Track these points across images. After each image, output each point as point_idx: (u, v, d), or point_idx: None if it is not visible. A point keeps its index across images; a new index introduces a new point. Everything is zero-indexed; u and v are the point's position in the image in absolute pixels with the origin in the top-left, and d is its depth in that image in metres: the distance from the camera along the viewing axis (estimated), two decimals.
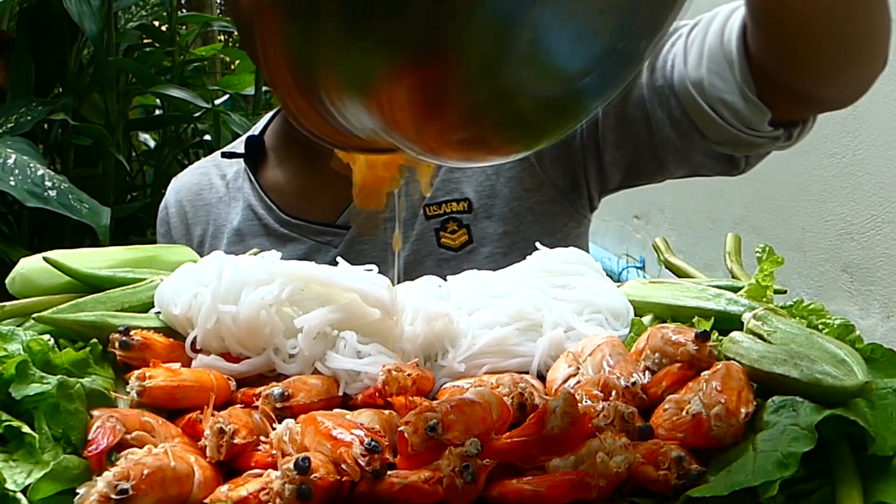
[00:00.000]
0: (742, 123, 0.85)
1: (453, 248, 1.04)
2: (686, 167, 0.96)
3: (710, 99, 0.86)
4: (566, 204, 1.06)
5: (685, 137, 0.91)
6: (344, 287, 0.69)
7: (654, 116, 0.92)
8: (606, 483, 0.47)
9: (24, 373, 0.55)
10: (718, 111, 0.86)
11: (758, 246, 0.75)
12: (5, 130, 2.35)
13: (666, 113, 0.91)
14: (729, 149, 0.90)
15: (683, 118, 0.90)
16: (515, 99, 0.44)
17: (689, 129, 0.90)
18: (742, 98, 0.84)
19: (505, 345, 0.70)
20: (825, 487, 0.48)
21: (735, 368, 0.56)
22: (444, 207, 1.04)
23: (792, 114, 0.86)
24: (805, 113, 0.87)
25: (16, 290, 0.77)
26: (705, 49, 0.86)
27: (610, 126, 0.97)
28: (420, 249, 1.04)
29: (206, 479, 0.50)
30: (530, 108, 0.45)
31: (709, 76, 0.86)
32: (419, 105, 0.44)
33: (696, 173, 0.97)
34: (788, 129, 0.87)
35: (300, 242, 1.09)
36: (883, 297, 1.75)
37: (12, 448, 0.52)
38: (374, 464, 0.48)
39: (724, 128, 0.86)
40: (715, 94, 0.85)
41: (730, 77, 0.84)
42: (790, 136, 0.88)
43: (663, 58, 0.91)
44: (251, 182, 1.14)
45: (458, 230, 1.04)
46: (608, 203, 1.15)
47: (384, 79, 0.42)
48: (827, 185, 1.89)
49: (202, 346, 0.68)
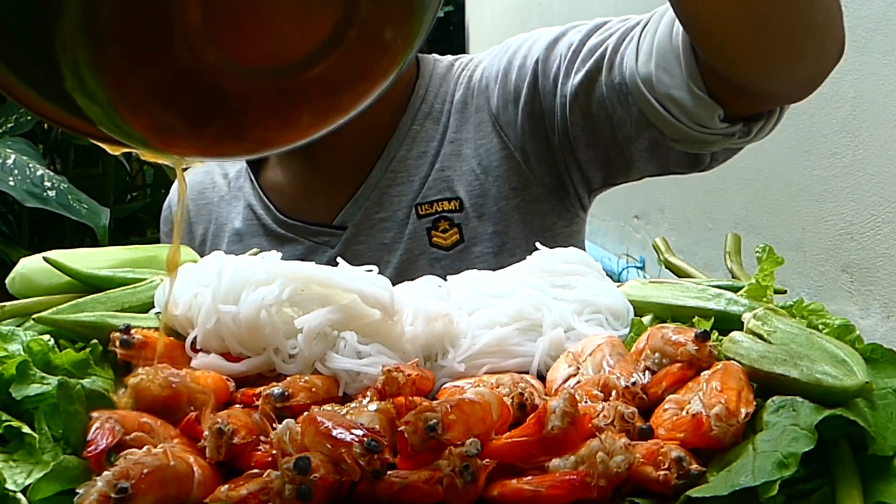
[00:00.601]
0: (691, 120, 0.84)
1: (445, 248, 1.04)
2: (654, 163, 0.95)
3: (658, 95, 0.85)
4: (554, 203, 1.05)
5: (645, 134, 0.90)
6: (344, 288, 0.69)
7: (615, 115, 0.91)
8: (606, 483, 0.47)
9: (24, 373, 0.56)
10: (667, 108, 0.84)
11: (758, 246, 0.75)
12: (5, 130, 2.35)
13: (625, 110, 0.90)
14: (685, 146, 0.88)
15: (640, 116, 0.88)
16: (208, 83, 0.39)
17: (648, 125, 0.89)
18: (689, 94, 0.82)
19: (505, 345, 0.70)
20: (825, 487, 0.48)
21: (735, 368, 0.56)
22: (435, 206, 1.04)
23: (745, 108, 0.84)
24: (758, 107, 0.85)
25: (16, 290, 0.77)
26: (654, 44, 0.85)
27: (578, 125, 0.96)
28: (413, 248, 1.04)
29: (206, 479, 0.50)
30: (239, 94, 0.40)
31: (657, 72, 0.84)
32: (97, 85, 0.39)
33: (666, 170, 0.96)
34: (748, 123, 0.85)
35: (298, 243, 1.09)
36: (883, 297, 1.75)
37: (12, 448, 0.52)
38: (374, 464, 0.48)
39: (674, 125, 0.85)
40: (663, 90, 0.84)
41: (677, 72, 0.82)
42: (749, 131, 0.85)
43: (621, 54, 0.89)
44: (251, 182, 1.15)
45: (450, 229, 1.04)
46: (608, 203, 1.16)
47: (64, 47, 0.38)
48: (827, 185, 1.89)
49: (202, 346, 0.68)
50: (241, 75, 0.39)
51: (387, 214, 1.05)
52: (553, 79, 0.97)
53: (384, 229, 1.05)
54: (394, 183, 1.06)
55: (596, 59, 0.92)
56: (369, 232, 1.06)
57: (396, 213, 1.05)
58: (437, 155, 1.06)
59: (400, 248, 1.04)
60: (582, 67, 0.93)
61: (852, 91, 1.72)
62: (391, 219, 1.05)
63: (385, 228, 1.05)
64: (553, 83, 0.97)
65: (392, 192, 1.06)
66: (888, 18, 0.81)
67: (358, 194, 1.06)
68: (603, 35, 0.94)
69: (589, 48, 0.94)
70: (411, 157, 1.06)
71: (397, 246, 1.04)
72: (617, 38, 0.91)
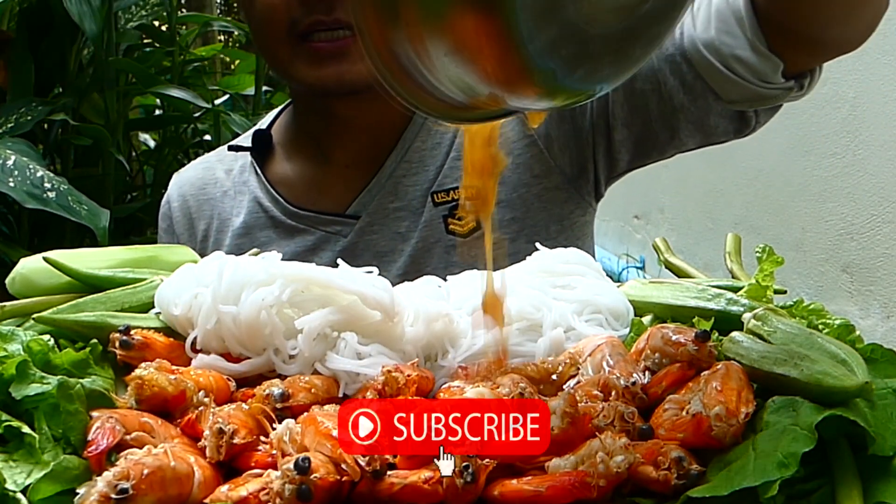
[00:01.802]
0: (756, 77, 0.90)
1: (461, 235, 1.05)
2: (699, 133, 0.99)
3: (723, 57, 0.91)
4: (572, 191, 1.07)
5: (699, 101, 0.95)
6: (344, 289, 0.69)
7: (666, 85, 0.96)
8: (606, 483, 0.47)
9: (24, 373, 0.55)
10: (732, 68, 0.91)
11: (758, 246, 0.75)
12: (5, 130, 2.35)
13: (679, 80, 0.95)
14: (745, 105, 0.95)
15: (696, 82, 0.94)
16: (585, 32, 0.46)
17: (703, 91, 0.94)
18: (754, 52, 0.88)
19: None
20: (825, 487, 0.48)
21: (735, 368, 0.56)
22: (452, 194, 1.05)
23: (802, 63, 0.91)
24: (816, 60, 0.91)
25: (16, 290, 0.77)
26: (712, 11, 0.91)
27: (619, 102, 1.00)
28: (428, 236, 1.05)
29: (206, 479, 0.50)
30: (602, 40, 0.47)
31: (719, 35, 0.90)
32: (492, 45, 0.46)
33: (709, 139, 1.01)
34: (799, 80, 0.92)
35: (308, 234, 1.09)
36: (883, 297, 1.75)
37: (12, 448, 0.52)
38: (374, 464, 0.48)
39: (739, 83, 0.91)
40: (727, 51, 0.90)
41: (739, 33, 0.89)
42: (802, 86, 0.92)
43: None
44: (258, 175, 1.14)
45: (467, 216, 1.04)
46: (608, 203, 1.16)
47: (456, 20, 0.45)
48: (827, 185, 1.89)
49: (202, 347, 0.68)
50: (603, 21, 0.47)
51: (401, 203, 1.06)
52: None
53: (399, 218, 1.06)
54: (408, 173, 1.07)
55: None
56: (383, 221, 1.06)
57: (411, 202, 1.06)
58: (451, 144, 1.07)
59: (415, 237, 1.05)
60: None
61: (852, 91, 1.72)
62: (406, 208, 1.06)
63: (400, 217, 1.06)
64: None
65: (407, 182, 1.06)
66: (888, 18, 0.82)
67: (372, 184, 1.07)
68: None
69: None
70: (426, 147, 1.07)
71: (412, 234, 1.05)
72: None
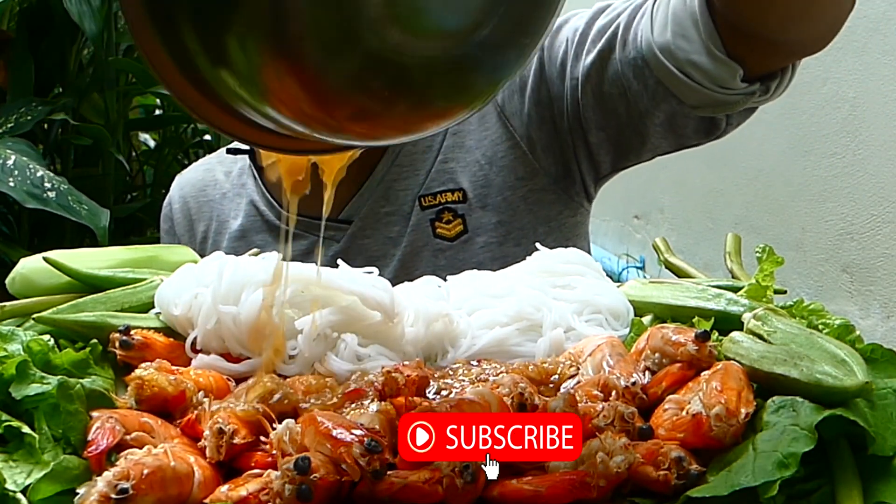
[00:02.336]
0: (713, 83, 0.86)
1: (449, 239, 1.04)
2: (670, 135, 0.96)
3: (679, 62, 0.87)
4: (560, 192, 1.06)
5: (663, 105, 0.92)
6: (344, 290, 0.69)
7: (631, 90, 0.93)
8: (606, 483, 0.47)
9: (24, 373, 0.55)
10: (688, 73, 0.87)
11: (758, 246, 0.75)
12: (5, 130, 2.35)
13: (642, 84, 0.92)
14: (707, 111, 0.91)
15: (658, 86, 0.91)
16: (395, 63, 0.42)
17: (666, 96, 0.91)
18: (709, 56, 0.84)
19: (505, 345, 0.70)
20: (825, 487, 0.48)
21: (735, 368, 0.56)
22: (439, 198, 1.05)
23: (763, 66, 0.87)
24: (776, 63, 0.87)
25: (16, 290, 0.77)
26: (669, 13, 0.87)
27: (590, 106, 0.98)
28: (416, 240, 1.04)
29: (206, 479, 0.50)
30: (422, 69, 0.43)
31: (674, 39, 0.86)
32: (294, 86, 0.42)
33: (681, 143, 0.98)
34: (765, 82, 0.88)
35: (302, 238, 1.09)
36: (883, 297, 1.75)
37: (12, 448, 0.52)
38: (374, 464, 0.48)
39: (696, 90, 0.87)
40: (683, 56, 0.86)
41: (695, 37, 0.85)
42: (767, 89, 0.88)
43: (634, 30, 0.92)
44: (255, 178, 1.15)
45: (454, 220, 1.04)
46: (608, 203, 1.16)
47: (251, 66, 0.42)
48: (827, 185, 1.89)
49: (202, 347, 0.68)
50: (421, 50, 0.42)
51: (392, 208, 1.06)
52: (560, 63, 0.99)
53: (390, 223, 1.06)
54: (399, 177, 1.06)
55: (608, 38, 0.94)
56: (375, 226, 1.06)
57: (402, 206, 1.06)
58: (440, 148, 1.06)
59: (404, 241, 1.05)
60: (593, 49, 0.95)
61: (852, 91, 1.72)
62: (397, 212, 1.06)
63: (391, 222, 1.06)
64: (560, 67, 0.99)
65: (398, 186, 1.06)
66: (888, 18, 0.82)
67: (363, 189, 1.07)
68: (611, 15, 0.96)
69: (598, 29, 0.96)
70: (417, 150, 1.07)
71: (402, 239, 1.05)
72: (628, 15, 0.93)
